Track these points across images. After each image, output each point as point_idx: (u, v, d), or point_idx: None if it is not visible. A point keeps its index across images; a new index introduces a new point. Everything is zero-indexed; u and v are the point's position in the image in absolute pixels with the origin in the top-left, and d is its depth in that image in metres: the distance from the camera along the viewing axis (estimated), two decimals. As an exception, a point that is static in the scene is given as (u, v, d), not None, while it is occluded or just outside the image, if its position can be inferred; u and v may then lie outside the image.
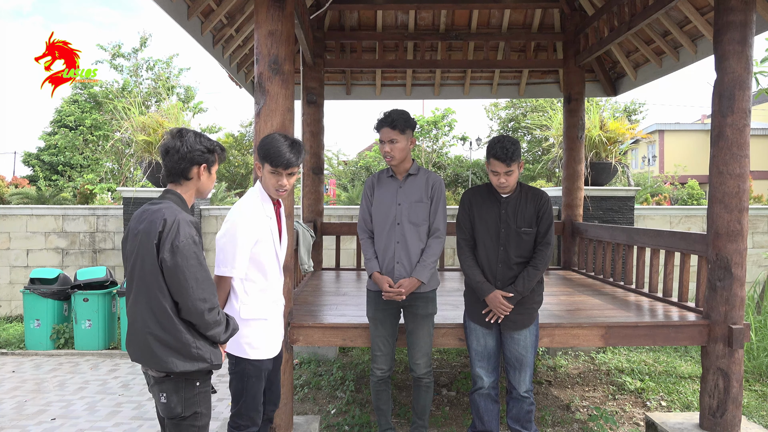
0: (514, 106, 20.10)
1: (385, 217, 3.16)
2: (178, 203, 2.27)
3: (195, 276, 2.14)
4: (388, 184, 3.22)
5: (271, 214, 2.69)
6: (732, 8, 3.34)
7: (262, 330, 2.65)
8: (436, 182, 3.19)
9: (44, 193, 9.89)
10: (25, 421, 4.20)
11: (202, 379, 2.25)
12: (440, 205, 3.17)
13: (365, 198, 3.28)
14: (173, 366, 2.14)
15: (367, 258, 3.21)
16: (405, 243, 3.12)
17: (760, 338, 5.25)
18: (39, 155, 17.90)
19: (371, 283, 3.21)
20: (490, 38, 6.31)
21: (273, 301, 2.72)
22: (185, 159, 2.25)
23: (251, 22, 5.15)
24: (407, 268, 3.12)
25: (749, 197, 3.66)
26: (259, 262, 2.63)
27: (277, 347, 2.74)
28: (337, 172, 18.80)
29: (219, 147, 2.36)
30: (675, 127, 30.51)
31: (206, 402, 2.30)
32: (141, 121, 7.34)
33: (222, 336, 2.24)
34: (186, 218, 2.19)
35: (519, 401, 3.15)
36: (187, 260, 2.13)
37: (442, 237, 3.17)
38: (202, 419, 2.28)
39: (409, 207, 3.13)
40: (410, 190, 3.16)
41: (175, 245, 2.12)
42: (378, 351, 3.21)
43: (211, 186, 2.40)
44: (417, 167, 3.21)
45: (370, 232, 3.25)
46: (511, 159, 2.93)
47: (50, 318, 6.13)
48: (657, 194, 12.41)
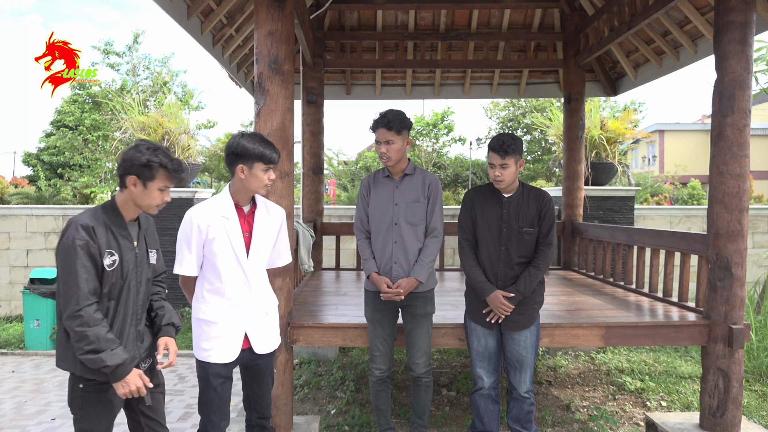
0: (514, 106, 20.09)
1: (382, 217, 3.15)
2: (102, 208, 2.28)
3: (63, 279, 2.16)
4: (385, 185, 3.20)
5: (229, 214, 2.57)
6: (732, 8, 3.34)
7: (212, 332, 2.56)
8: (432, 182, 3.19)
9: (44, 193, 9.90)
10: (25, 421, 4.19)
11: (85, 383, 2.21)
12: (437, 205, 3.17)
13: (361, 198, 3.26)
14: (57, 361, 2.25)
15: (365, 258, 3.20)
16: (402, 243, 3.12)
17: (760, 338, 5.25)
18: (39, 155, 17.89)
19: (369, 283, 3.20)
20: (490, 38, 6.30)
21: (232, 305, 2.58)
22: (121, 167, 2.27)
23: (251, 22, 5.15)
24: (405, 268, 3.11)
25: (750, 197, 3.66)
26: (213, 263, 2.55)
27: (230, 354, 2.57)
28: (337, 172, 18.80)
29: (164, 165, 2.25)
30: (675, 127, 30.53)
31: (90, 407, 2.24)
32: (141, 121, 7.33)
33: (78, 346, 2.11)
34: (81, 221, 2.18)
35: (519, 401, 3.15)
36: (62, 261, 2.16)
37: (439, 236, 3.17)
38: (78, 423, 2.25)
39: (407, 207, 3.13)
40: (407, 190, 3.16)
41: (58, 246, 2.20)
42: (377, 351, 3.21)
43: (153, 203, 2.30)
44: (413, 167, 3.20)
45: (366, 232, 3.24)
46: (505, 152, 2.95)
47: (50, 318, 6.13)
48: (657, 194, 12.42)
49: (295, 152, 3.51)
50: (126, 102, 8.42)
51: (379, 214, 3.16)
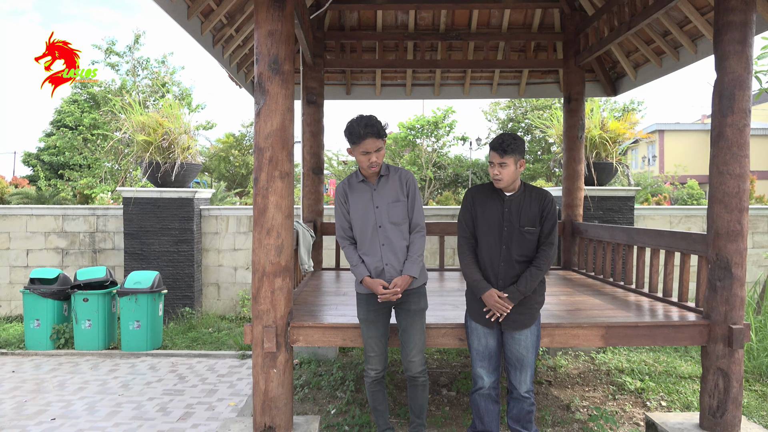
0: (513, 106, 20.09)
1: (365, 221, 3.16)
2: None
3: None
4: (362, 189, 3.20)
5: None
6: (732, 8, 3.34)
7: None
8: (409, 179, 3.21)
9: (44, 193, 9.90)
10: (25, 421, 4.20)
11: None
12: (417, 201, 3.20)
13: (339, 205, 3.24)
14: None
15: (354, 264, 3.20)
16: (390, 244, 3.14)
17: (760, 338, 5.25)
18: (39, 155, 17.91)
19: (360, 286, 3.22)
20: (490, 38, 6.31)
21: None
22: None
23: (251, 22, 5.15)
24: (396, 268, 3.14)
25: (751, 197, 3.66)
26: None
27: None
28: (337, 172, 18.81)
29: None
30: (675, 127, 30.55)
31: None
32: (140, 121, 7.33)
33: None
34: None
35: (519, 401, 3.15)
36: None
37: (423, 231, 3.21)
38: None
39: (387, 208, 3.14)
40: (385, 191, 3.17)
41: None
42: (372, 352, 3.22)
43: None
44: (386, 167, 3.21)
45: (350, 238, 3.26)
46: (504, 151, 2.97)
47: (50, 318, 6.13)
48: (657, 194, 12.43)
49: (295, 152, 3.51)
50: (125, 102, 8.42)
51: (362, 218, 3.17)
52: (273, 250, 3.23)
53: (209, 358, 5.86)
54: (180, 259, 7.19)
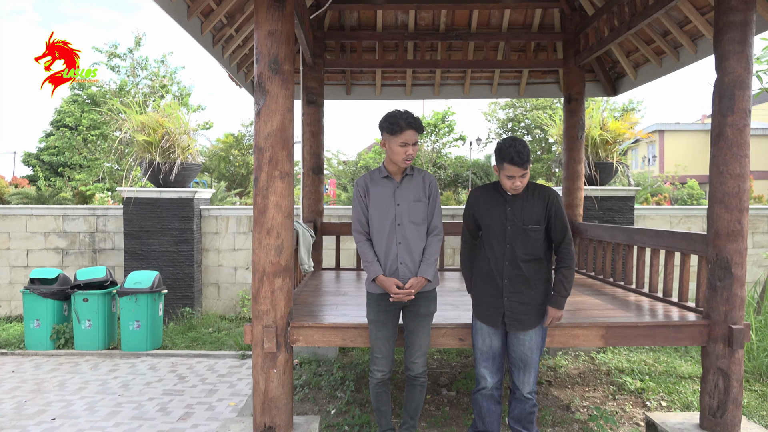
0: (513, 106, 20.10)
1: (384, 218, 3.13)
2: None
3: None
4: (384, 185, 3.18)
5: None
6: (732, 8, 3.34)
7: None
8: (432, 181, 3.22)
9: (44, 193, 9.90)
10: (25, 421, 4.19)
11: None
12: (437, 204, 3.20)
13: (358, 200, 3.21)
14: None
15: (368, 261, 3.14)
16: (407, 243, 3.11)
17: (760, 338, 5.25)
18: (39, 155, 17.90)
19: (372, 285, 3.17)
20: (490, 38, 6.30)
21: None
22: None
23: (251, 22, 5.15)
24: (411, 269, 3.11)
25: (750, 197, 3.66)
26: None
27: None
28: (337, 172, 18.81)
29: None
30: (675, 127, 30.56)
31: None
32: (140, 121, 7.33)
33: None
34: None
35: (522, 402, 3.15)
36: None
37: (440, 235, 3.20)
38: None
39: (409, 207, 3.12)
40: (408, 189, 3.16)
41: None
42: (379, 353, 3.19)
43: None
44: (412, 167, 3.22)
45: (366, 234, 3.20)
46: (527, 162, 2.93)
47: (50, 318, 6.13)
48: (657, 194, 12.43)
49: (295, 152, 3.51)
50: (125, 102, 8.42)
51: (381, 215, 3.14)
52: (273, 250, 3.23)
53: (209, 358, 5.86)
54: (180, 259, 7.19)
